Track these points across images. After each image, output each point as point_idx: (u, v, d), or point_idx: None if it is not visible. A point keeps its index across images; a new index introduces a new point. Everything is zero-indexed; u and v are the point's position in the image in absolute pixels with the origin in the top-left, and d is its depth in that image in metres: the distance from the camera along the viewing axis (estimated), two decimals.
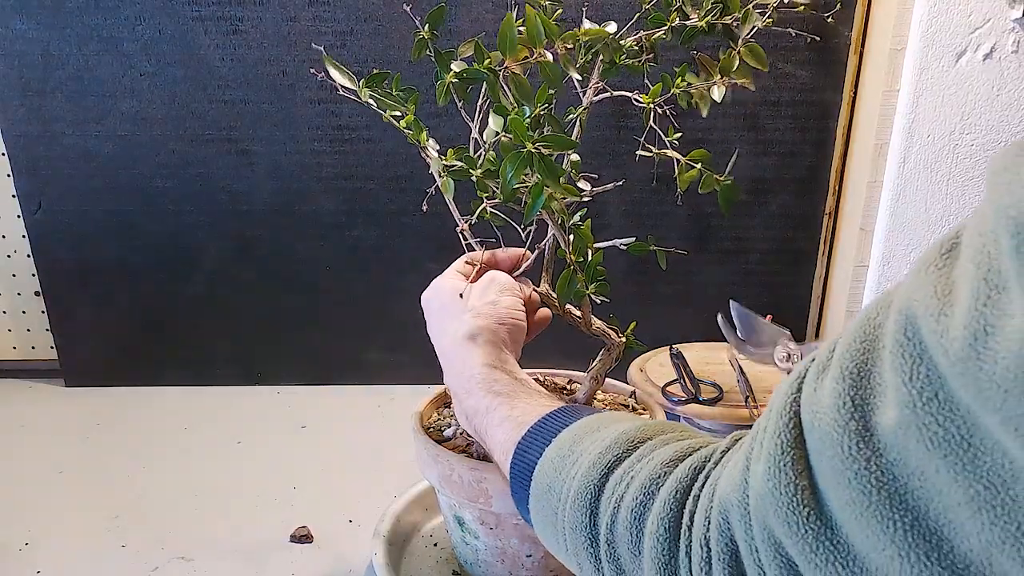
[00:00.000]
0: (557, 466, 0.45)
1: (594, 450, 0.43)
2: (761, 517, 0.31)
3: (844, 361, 0.29)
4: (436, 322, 0.61)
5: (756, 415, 0.89)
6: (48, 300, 1.11)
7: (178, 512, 0.84)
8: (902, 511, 0.26)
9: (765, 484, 0.30)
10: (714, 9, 0.58)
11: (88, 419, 1.06)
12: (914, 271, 0.27)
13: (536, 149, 0.47)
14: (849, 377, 0.28)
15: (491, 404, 0.54)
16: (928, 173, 0.97)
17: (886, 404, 0.27)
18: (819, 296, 1.14)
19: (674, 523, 0.37)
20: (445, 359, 0.60)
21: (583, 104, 0.60)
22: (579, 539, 0.42)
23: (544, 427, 0.49)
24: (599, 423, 0.47)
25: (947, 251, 0.26)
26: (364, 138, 1.03)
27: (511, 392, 0.54)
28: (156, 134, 1.03)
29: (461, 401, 0.57)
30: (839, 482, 0.28)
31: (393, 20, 0.98)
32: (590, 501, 0.41)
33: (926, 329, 0.25)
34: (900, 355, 0.26)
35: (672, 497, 0.37)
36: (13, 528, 0.80)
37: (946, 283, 0.25)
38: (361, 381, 1.14)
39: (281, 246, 1.09)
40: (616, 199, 0.76)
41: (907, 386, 0.25)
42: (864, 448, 0.27)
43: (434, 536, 0.76)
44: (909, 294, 0.26)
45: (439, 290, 0.62)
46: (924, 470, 0.25)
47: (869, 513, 0.27)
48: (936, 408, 0.24)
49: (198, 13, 0.97)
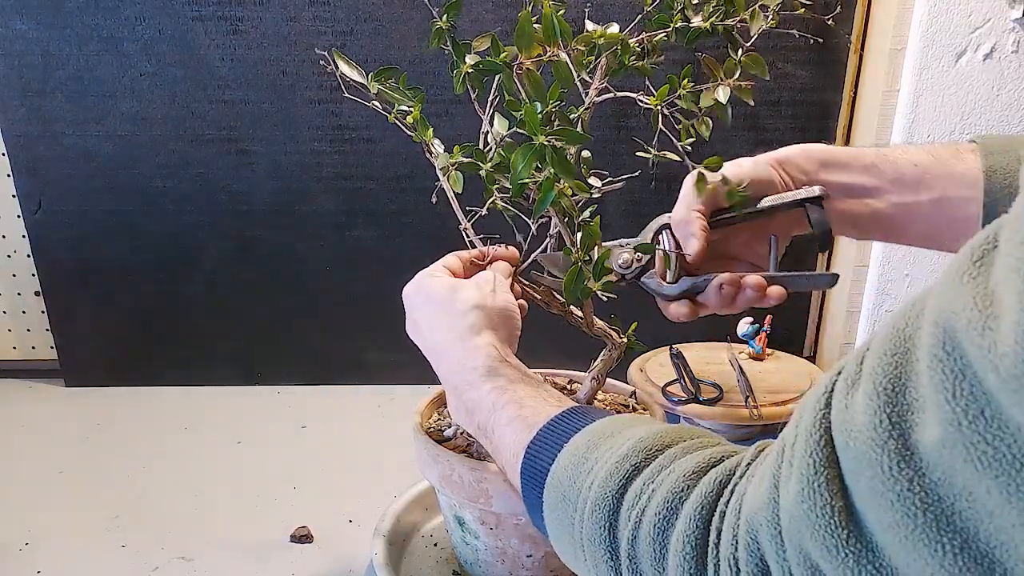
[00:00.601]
0: (571, 475, 0.44)
1: (610, 459, 0.42)
2: (796, 539, 0.30)
3: (876, 376, 0.27)
4: (423, 316, 0.59)
5: (756, 415, 0.89)
6: (48, 300, 1.11)
7: (178, 512, 0.84)
8: (950, 534, 0.25)
9: (799, 506, 0.29)
10: (717, 11, 0.58)
11: (88, 419, 1.06)
12: (946, 279, 0.26)
13: (548, 142, 0.47)
14: (884, 393, 0.27)
15: (496, 400, 0.52)
16: None
17: (926, 421, 0.25)
18: (819, 296, 1.14)
19: (700, 540, 0.35)
20: (436, 353, 0.58)
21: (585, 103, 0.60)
22: (598, 552, 0.41)
23: (554, 430, 0.47)
24: (612, 428, 0.45)
25: (979, 258, 0.25)
26: (364, 138, 1.03)
27: (516, 387, 0.52)
28: (156, 134, 1.03)
29: (461, 394, 0.55)
30: (880, 504, 0.27)
31: (393, 20, 0.98)
32: (608, 513, 0.40)
33: (969, 344, 0.24)
34: (940, 371, 0.25)
35: (697, 513, 0.36)
36: (13, 528, 0.80)
37: (985, 293, 0.24)
38: (361, 381, 1.14)
39: (281, 246, 1.09)
40: (616, 199, 0.76)
41: (950, 403, 0.24)
42: (906, 468, 0.26)
43: (434, 536, 0.76)
44: (944, 305, 0.25)
45: (425, 284, 0.59)
46: (972, 490, 0.24)
47: (915, 536, 0.26)
48: (984, 426, 0.23)
49: (198, 13, 0.97)
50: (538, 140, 0.47)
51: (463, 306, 0.57)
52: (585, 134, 0.52)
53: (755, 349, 1.03)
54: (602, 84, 0.60)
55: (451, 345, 0.57)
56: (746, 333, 1.03)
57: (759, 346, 1.03)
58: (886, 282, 1.03)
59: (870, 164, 0.57)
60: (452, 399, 0.58)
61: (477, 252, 0.63)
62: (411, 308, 0.60)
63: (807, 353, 1.16)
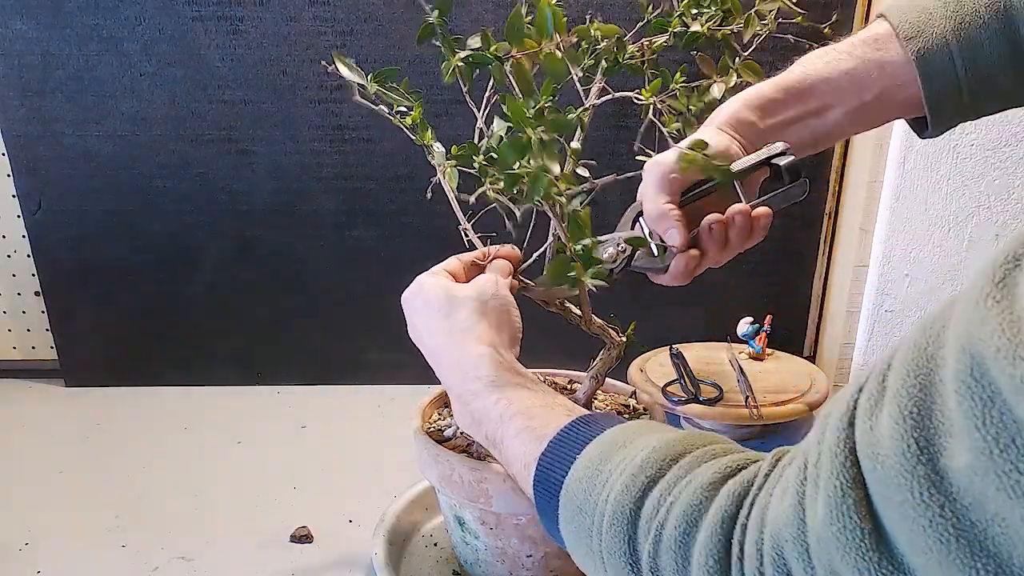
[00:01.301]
0: (586, 487, 0.43)
1: (625, 470, 0.42)
2: (825, 560, 0.30)
3: (900, 398, 0.28)
4: (422, 321, 0.58)
5: (756, 415, 0.89)
6: (48, 300, 1.11)
7: (178, 512, 0.84)
8: (984, 559, 0.25)
9: (828, 528, 0.30)
10: (715, 17, 0.59)
11: (88, 419, 1.06)
12: (968, 301, 0.25)
13: (537, 135, 0.47)
14: (910, 417, 0.27)
15: (504, 412, 0.52)
16: (928, 173, 0.97)
17: (955, 447, 0.25)
18: (819, 296, 1.14)
19: (722, 554, 0.36)
20: (438, 358, 0.57)
21: (585, 104, 0.60)
22: (618, 564, 0.41)
23: (565, 442, 0.47)
24: (624, 437, 0.45)
25: (1002, 279, 0.25)
26: (364, 138, 1.03)
27: (523, 396, 0.52)
28: (156, 134, 1.03)
29: (467, 403, 0.55)
30: (912, 529, 0.27)
31: (393, 20, 0.98)
32: (627, 526, 0.40)
33: (998, 372, 0.24)
34: (969, 397, 0.25)
35: (718, 526, 0.36)
36: (13, 528, 0.80)
37: (1012, 320, 0.24)
38: (361, 381, 1.14)
39: (281, 246, 1.09)
40: (616, 198, 0.76)
41: (980, 431, 0.24)
42: (937, 494, 0.26)
43: (434, 536, 0.76)
44: (970, 330, 0.25)
45: (424, 288, 0.58)
46: (1005, 517, 0.24)
47: (949, 561, 0.26)
48: (1016, 455, 0.23)
49: (198, 13, 0.97)
50: (527, 134, 0.47)
51: (463, 311, 0.56)
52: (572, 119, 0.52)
53: (755, 349, 1.03)
54: (600, 84, 0.60)
55: (453, 351, 0.56)
56: (746, 333, 1.03)
57: (759, 346, 1.03)
58: (886, 282, 1.03)
59: (805, 90, 0.59)
60: (457, 406, 0.57)
61: (479, 253, 0.62)
62: (411, 313, 0.60)
63: (807, 353, 1.16)
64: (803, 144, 0.60)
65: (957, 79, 0.55)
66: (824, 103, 0.58)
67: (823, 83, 0.58)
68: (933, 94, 0.56)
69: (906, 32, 0.55)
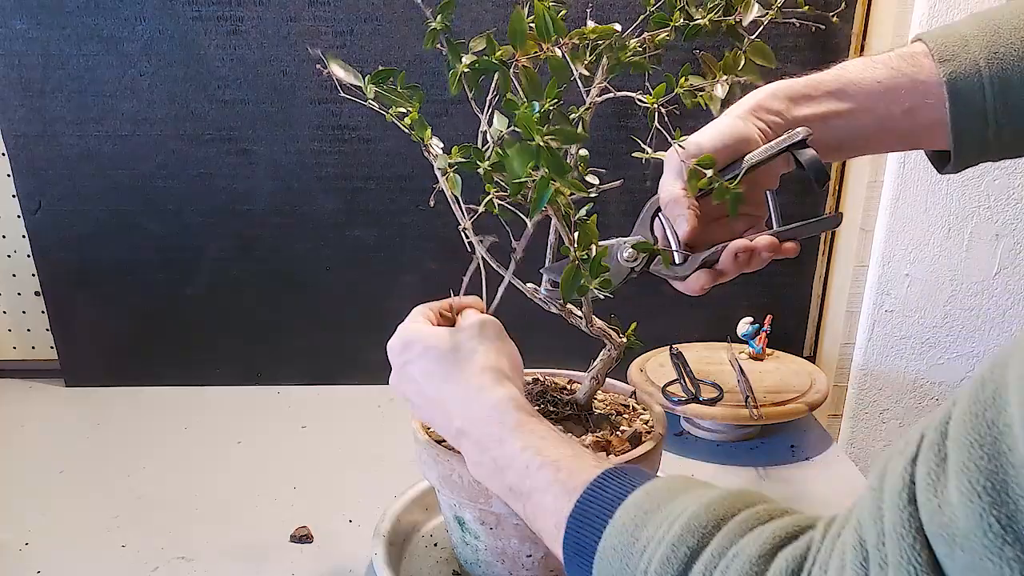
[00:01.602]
0: (623, 556, 0.41)
1: (664, 538, 0.40)
2: None
3: (968, 472, 0.26)
4: (420, 369, 0.56)
5: (756, 415, 0.89)
6: (48, 300, 1.11)
7: (178, 512, 0.84)
8: None
9: None
10: (717, 7, 0.59)
11: (88, 419, 1.06)
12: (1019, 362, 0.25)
13: (544, 142, 0.47)
14: (985, 493, 0.25)
15: (531, 462, 0.49)
16: (928, 173, 0.97)
17: None
18: (819, 296, 1.14)
19: None
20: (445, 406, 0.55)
21: (586, 103, 0.60)
22: None
23: (596, 501, 0.45)
24: (658, 499, 0.43)
25: None
26: (364, 138, 1.03)
27: (549, 445, 0.50)
28: (156, 134, 1.03)
29: (486, 449, 0.52)
30: None
31: (393, 20, 0.98)
32: None
33: None
34: None
35: None
36: (13, 528, 0.80)
37: None
38: (361, 381, 1.14)
39: (281, 246, 1.09)
40: (616, 199, 0.76)
41: None
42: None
43: (434, 536, 0.76)
44: None
45: (420, 336, 0.57)
46: None
47: None
48: None
49: (198, 13, 0.97)
50: (535, 140, 0.47)
51: (477, 355, 0.55)
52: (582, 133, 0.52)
53: (755, 349, 1.03)
54: (602, 83, 0.60)
55: (468, 397, 0.54)
56: (746, 333, 1.03)
57: (759, 346, 1.03)
58: (886, 282, 1.03)
59: (836, 90, 0.59)
60: (473, 453, 0.54)
61: (445, 304, 0.62)
62: (404, 362, 0.58)
63: (807, 353, 1.16)
64: (827, 146, 0.59)
65: (984, 107, 0.55)
66: (853, 106, 0.58)
67: (855, 86, 0.58)
68: (959, 118, 0.55)
69: (940, 54, 0.55)
